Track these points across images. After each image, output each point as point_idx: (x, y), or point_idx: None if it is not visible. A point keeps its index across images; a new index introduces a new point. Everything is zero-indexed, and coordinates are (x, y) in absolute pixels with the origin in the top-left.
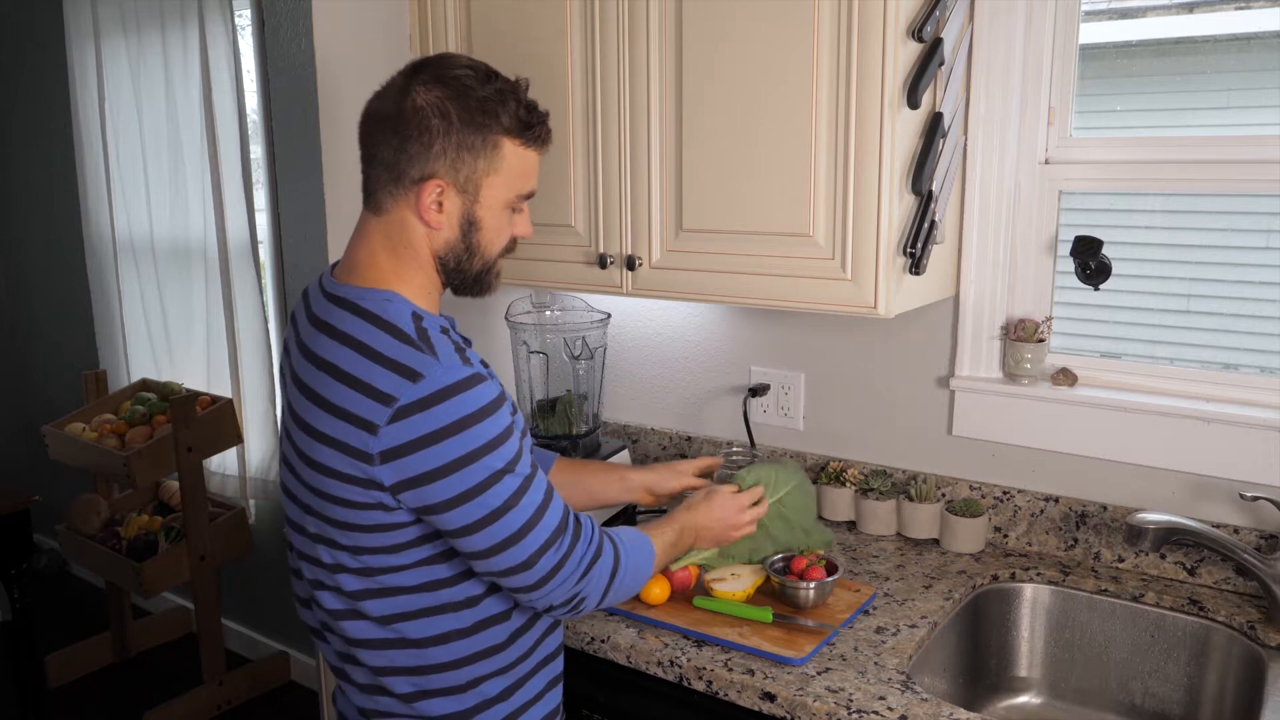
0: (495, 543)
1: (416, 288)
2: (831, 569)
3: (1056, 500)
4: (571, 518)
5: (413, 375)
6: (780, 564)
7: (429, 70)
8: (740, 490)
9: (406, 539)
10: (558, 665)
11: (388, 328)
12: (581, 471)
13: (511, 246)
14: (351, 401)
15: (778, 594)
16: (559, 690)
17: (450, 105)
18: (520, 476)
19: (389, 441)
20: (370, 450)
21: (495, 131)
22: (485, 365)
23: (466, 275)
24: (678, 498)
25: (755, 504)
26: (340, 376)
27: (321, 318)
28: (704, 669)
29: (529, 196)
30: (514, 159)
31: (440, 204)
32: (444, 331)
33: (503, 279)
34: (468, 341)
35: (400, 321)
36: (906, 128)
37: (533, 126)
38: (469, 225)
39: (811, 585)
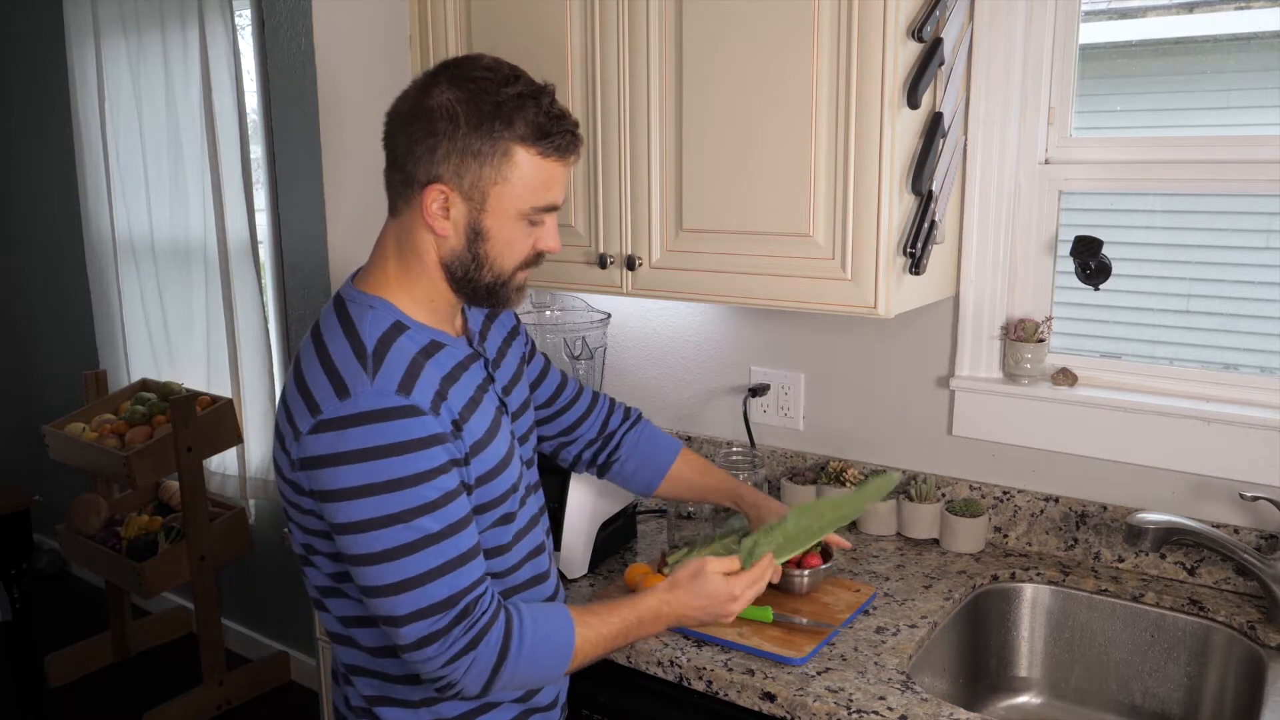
0: (370, 584)
1: (417, 296)
2: (826, 556)
3: (1056, 500)
4: (469, 598)
5: (342, 390)
6: None
7: (450, 70)
8: (743, 568)
9: None
10: (540, 698)
11: (351, 336)
12: (701, 467)
13: (534, 260)
14: (294, 402)
15: (773, 583)
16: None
17: (460, 108)
18: (419, 531)
19: (305, 450)
20: (293, 455)
21: (506, 138)
22: (446, 399)
23: (477, 287)
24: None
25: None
26: (296, 376)
27: (320, 317)
28: (704, 669)
29: (550, 209)
30: (529, 168)
31: (446, 210)
32: (427, 351)
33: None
34: (485, 359)
35: (366, 333)
36: (906, 128)
37: (552, 135)
38: (475, 235)
39: (806, 573)
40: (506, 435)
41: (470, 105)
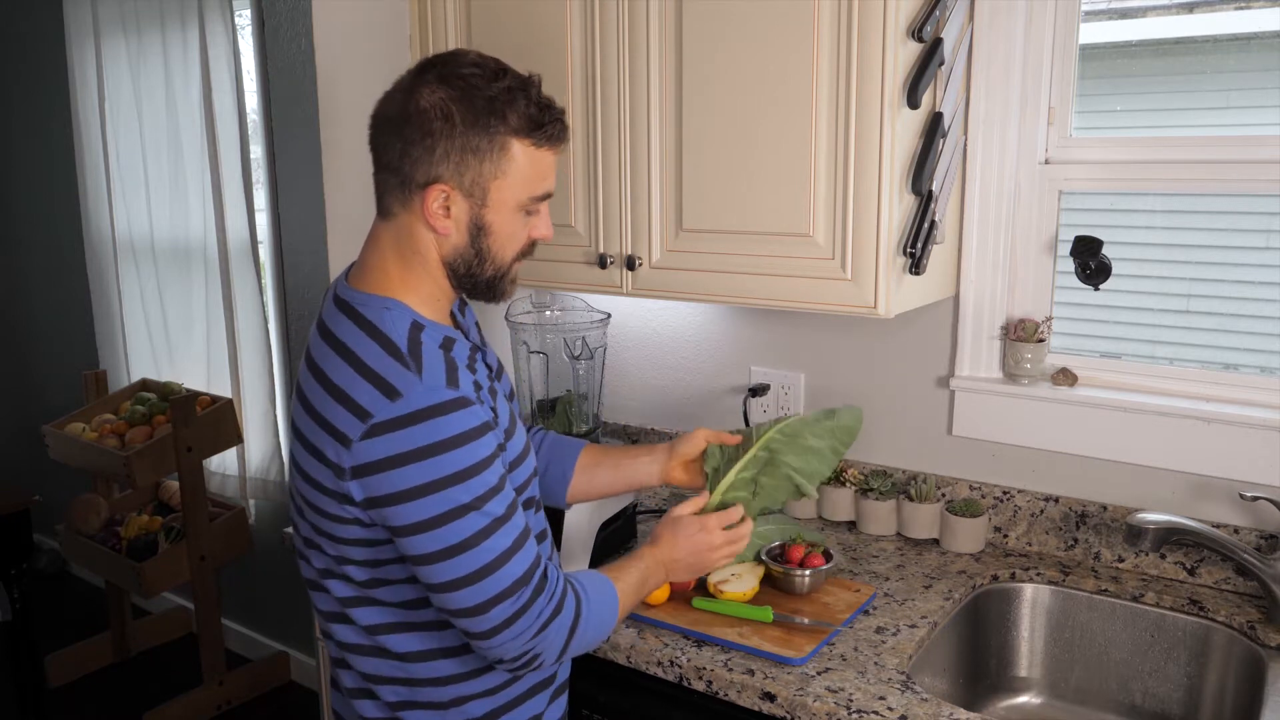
0: (448, 579)
1: (424, 296)
2: (828, 556)
3: (1056, 500)
4: (540, 571)
5: (391, 392)
6: (777, 551)
7: (435, 69)
8: (708, 509)
9: (386, 556)
10: (558, 691)
11: (379, 338)
12: (610, 456)
13: (529, 250)
14: (332, 412)
15: (775, 582)
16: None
17: (454, 106)
18: (489, 516)
19: (360, 458)
20: (343, 464)
21: (502, 133)
22: (482, 388)
23: (478, 281)
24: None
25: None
26: (327, 385)
27: (325, 322)
28: (704, 669)
29: (545, 198)
30: (524, 160)
31: (448, 209)
32: (446, 346)
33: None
34: (481, 351)
35: (394, 333)
36: (906, 128)
37: (544, 125)
38: (478, 230)
39: (806, 573)
40: (520, 424)
41: (464, 103)
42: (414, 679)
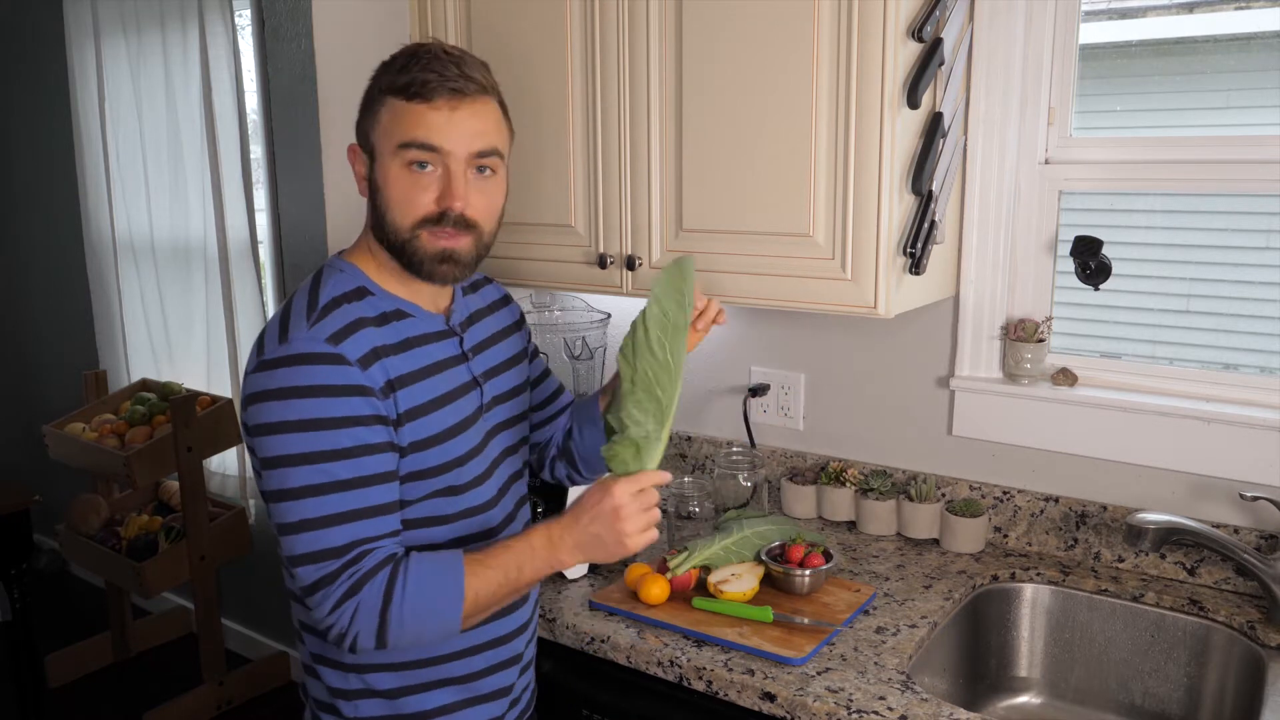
0: (277, 523)
1: (382, 261)
2: (828, 556)
3: (1056, 500)
4: (357, 551)
5: (282, 336)
6: (777, 551)
7: None
8: (615, 473)
9: None
10: (481, 684)
11: (312, 289)
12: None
13: (436, 218)
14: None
15: (775, 582)
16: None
17: (369, 82)
18: (327, 475)
19: (247, 388)
20: (242, 391)
21: (382, 89)
22: (383, 358)
23: (392, 246)
24: None
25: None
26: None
27: None
28: (704, 669)
29: (421, 148)
30: (396, 110)
31: (362, 168)
32: (383, 319)
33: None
34: (463, 340)
35: (325, 292)
36: (906, 128)
37: (411, 73)
38: (374, 188)
39: (807, 573)
40: (464, 410)
41: (373, 77)
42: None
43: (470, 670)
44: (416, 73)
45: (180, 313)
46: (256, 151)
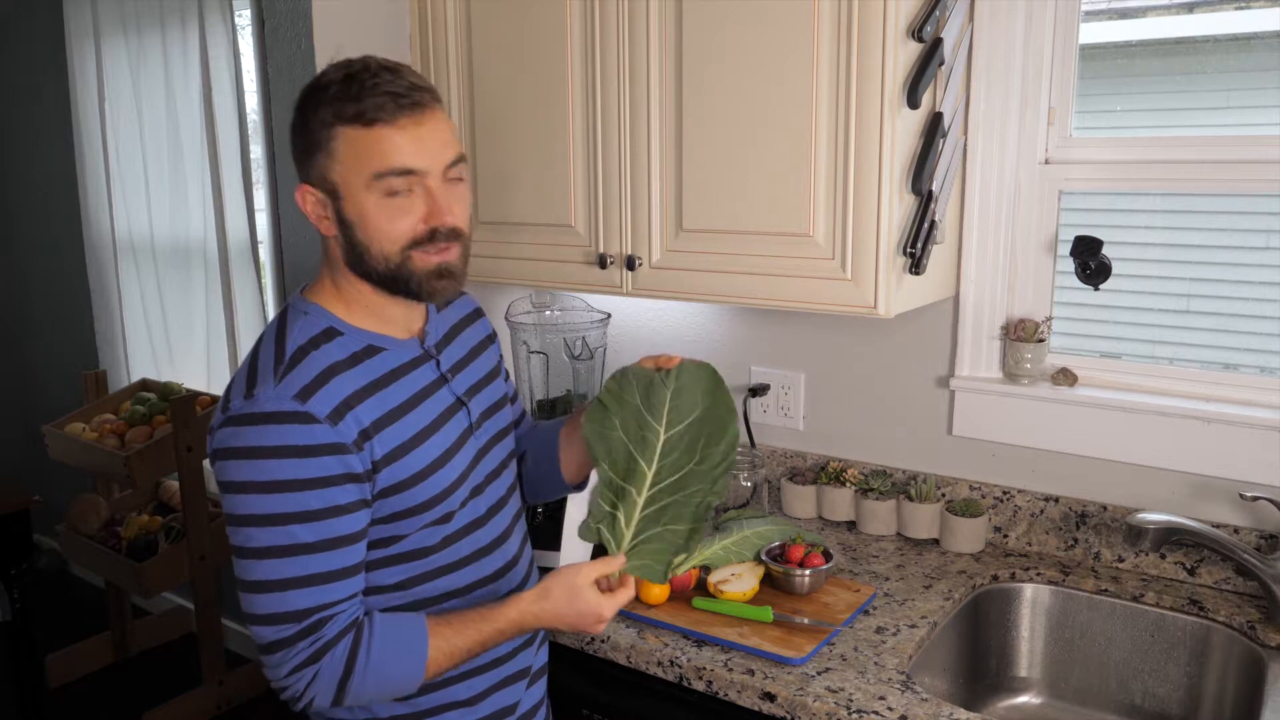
0: (239, 579)
1: (348, 299)
2: (828, 556)
3: (1056, 500)
4: (321, 615)
5: (248, 390)
6: (777, 551)
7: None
8: (615, 547)
9: None
10: (483, 705)
11: (277, 338)
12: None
13: (425, 238)
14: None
15: (775, 582)
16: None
17: (296, 112)
18: (290, 538)
19: (213, 443)
20: (208, 445)
21: (329, 121)
22: (354, 408)
23: (381, 276)
24: None
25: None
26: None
27: None
28: (704, 669)
29: (401, 174)
30: (354, 141)
31: (321, 208)
32: (355, 359)
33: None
34: (435, 359)
35: (292, 339)
36: (906, 127)
37: (362, 103)
38: (346, 225)
39: (807, 573)
40: (451, 436)
41: (302, 104)
42: None
43: (474, 692)
44: (368, 98)
45: (180, 313)
46: (256, 151)
